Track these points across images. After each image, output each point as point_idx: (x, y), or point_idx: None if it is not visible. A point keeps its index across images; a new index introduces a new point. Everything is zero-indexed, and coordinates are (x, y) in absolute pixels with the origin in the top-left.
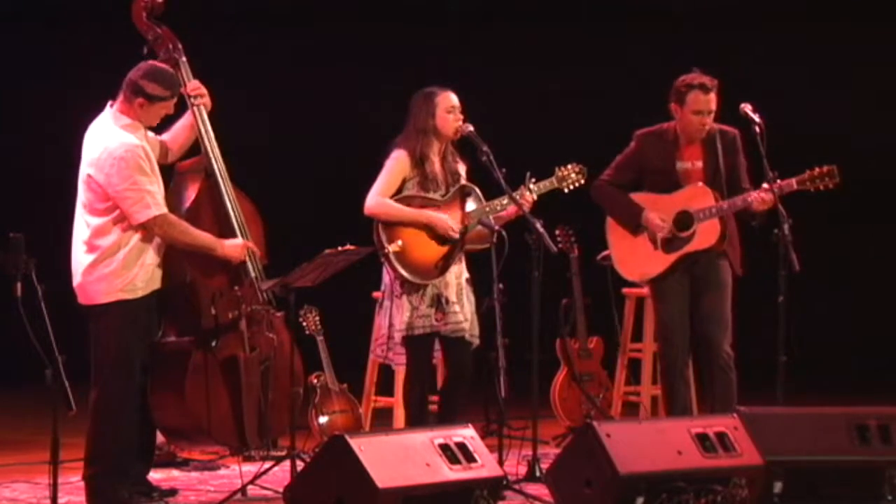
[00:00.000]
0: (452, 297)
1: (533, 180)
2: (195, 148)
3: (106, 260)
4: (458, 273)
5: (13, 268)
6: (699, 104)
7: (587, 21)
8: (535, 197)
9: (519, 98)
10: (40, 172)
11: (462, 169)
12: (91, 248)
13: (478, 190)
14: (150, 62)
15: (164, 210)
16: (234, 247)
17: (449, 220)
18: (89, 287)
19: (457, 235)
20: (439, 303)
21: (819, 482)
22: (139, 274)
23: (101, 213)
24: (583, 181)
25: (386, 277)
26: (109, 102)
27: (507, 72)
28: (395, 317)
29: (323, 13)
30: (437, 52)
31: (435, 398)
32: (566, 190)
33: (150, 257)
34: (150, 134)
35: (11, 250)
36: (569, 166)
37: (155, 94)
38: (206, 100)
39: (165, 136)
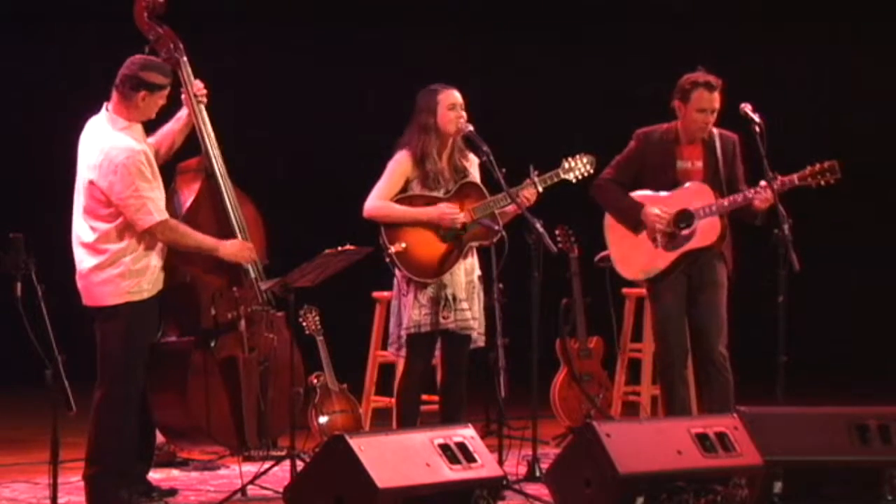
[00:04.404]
0: (461, 295)
1: (536, 173)
2: (190, 148)
3: (114, 263)
4: (469, 270)
5: (13, 268)
6: (703, 102)
7: (587, 20)
8: (540, 189)
9: (519, 98)
10: (40, 172)
11: (470, 165)
12: (97, 251)
13: (482, 186)
14: (139, 56)
15: (166, 216)
16: (234, 245)
17: (447, 208)
18: (96, 289)
19: (461, 221)
20: (447, 300)
21: (819, 482)
22: (146, 276)
23: (105, 219)
24: (591, 170)
25: (396, 276)
26: (105, 105)
27: (508, 71)
28: (403, 315)
29: (324, 13)
30: (437, 51)
31: (434, 398)
32: (574, 180)
33: (156, 259)
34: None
35: (11, 250)
36: (577, 156)
37: (156, 83)
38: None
39: (152, 140)
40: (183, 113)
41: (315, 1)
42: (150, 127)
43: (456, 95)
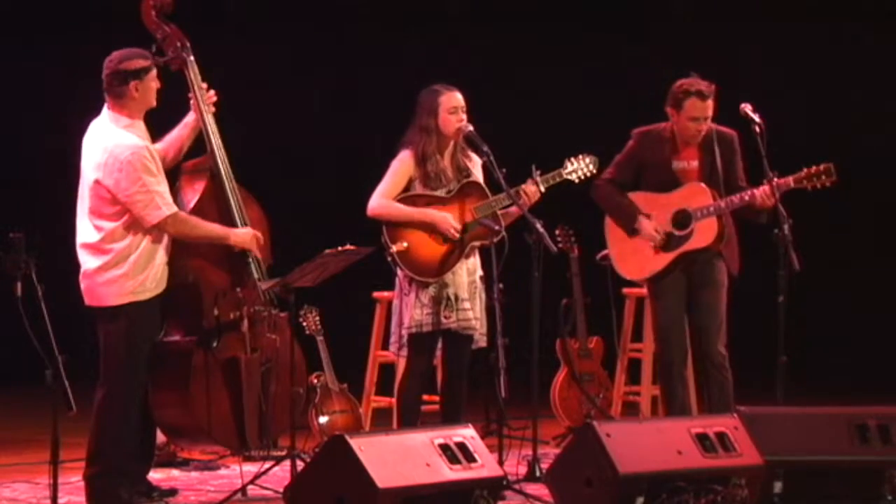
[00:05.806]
0: (463, 295)
1: (539, 173)
2: (195, 147)
3: (118, 263)
4: (472, 270)
5: (13, 268)
6: (696, 111)
7: (587, 20)
8: (542, 189)
9: (519, 98)
10: (41, 172)
11: (473, 165)
12: (101, 251)
13: (484, 185)
14: (113, 52)
15: (175, 208)
16: (245, 234)
17: (451, 220)
18: (99, 289)
19: (457, 235)
20: (448, 300)
21: (819, 482)
22: (150, 275)
23: (110, 218)
24: (594, 170)
25: (398, 275)
26: (105, 106)
27: (508, 71)
28: (404, 314)
29: (324, 13)
30: (436, 51)
31: (434, 398)
32: (577, 180)
33: (160, 258)
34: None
35: (11, 250)
36: (579, 156)
37: (141, 67)
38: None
39: (159, 146)
40: (190, 118)
41: (316, 0)
42: (157, 131)
43: (458, 98)
